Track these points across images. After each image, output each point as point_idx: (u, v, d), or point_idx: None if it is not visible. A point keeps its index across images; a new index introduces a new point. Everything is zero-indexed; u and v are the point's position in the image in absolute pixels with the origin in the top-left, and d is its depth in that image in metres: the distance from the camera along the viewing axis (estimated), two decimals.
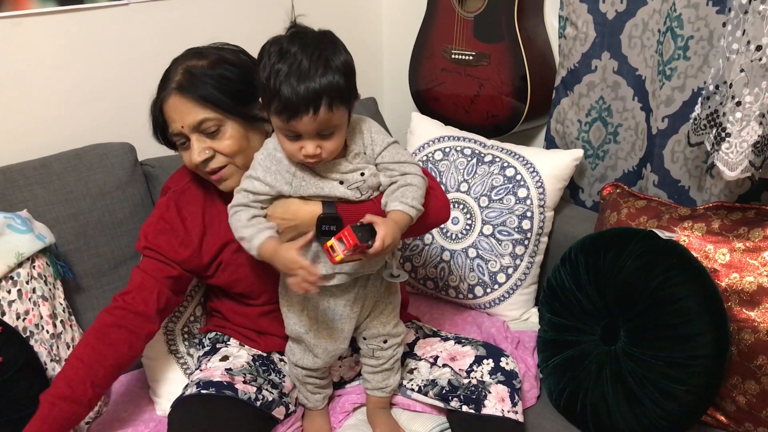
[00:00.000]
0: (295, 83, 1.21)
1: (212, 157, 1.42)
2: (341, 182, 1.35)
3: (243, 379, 1.49)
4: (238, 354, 1.58)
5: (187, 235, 1.51)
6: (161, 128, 1.48)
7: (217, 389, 1.44)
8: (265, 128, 1.48)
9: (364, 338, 1.53)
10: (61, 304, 1.64)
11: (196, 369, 1.61)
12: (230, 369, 1.52)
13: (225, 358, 1.56)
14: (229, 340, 1.62)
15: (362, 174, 1.35)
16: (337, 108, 1.24)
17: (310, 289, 1.25)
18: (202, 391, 1.45)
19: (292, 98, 1.21)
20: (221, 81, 1.39)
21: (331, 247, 1.24)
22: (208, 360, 1.58)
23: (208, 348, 1.63)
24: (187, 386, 1.52)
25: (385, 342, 1.53)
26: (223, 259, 1.53)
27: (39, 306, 1.56)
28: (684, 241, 1.60)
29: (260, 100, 1.30)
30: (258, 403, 1.47)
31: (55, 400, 1.36)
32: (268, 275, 1.51)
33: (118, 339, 1.44)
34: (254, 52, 1.51)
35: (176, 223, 1.51)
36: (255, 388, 1.48)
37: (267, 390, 1.51)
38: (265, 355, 1.62)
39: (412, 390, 1.59)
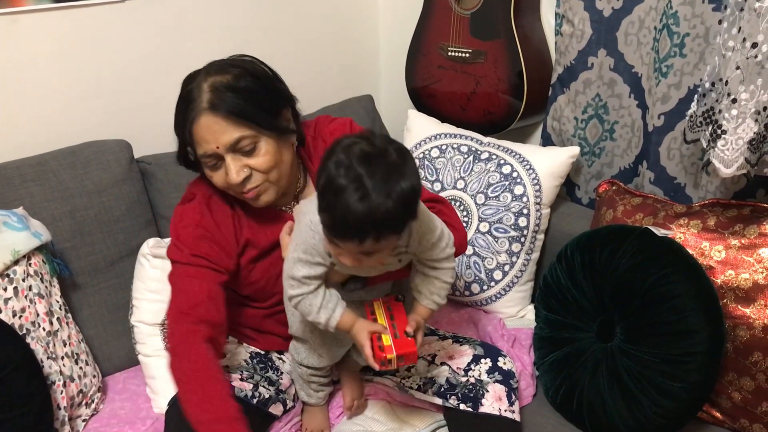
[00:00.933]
0: (349, 207, 1.12)
1: (249, 176, 1.37)
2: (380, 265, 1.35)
3: (240, 377, 1.49)
4: (236, 351, 1.58)
5: (225, 242, 1.46)
6: (185, 151, 1.41)
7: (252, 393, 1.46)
8: (292, 141, 1.45)
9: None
10: (58, 302, 1.63)
11: None
12: (227, 366, 1.52)
13: (222, 355, 1.56)
14: (227, 338, 1.62)
15: (400, 261, 1.36)
16: (385, 238, 1.17)
17: (375, 367, 1.32)
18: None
19: (340, 224, 1.15)
20: (250, 95, 1.34)
21: (389, 360, 1.29)
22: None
23: None
24: None
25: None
26: (240, 263, 1.51)
27: (35, 303, 1.56)
28: (680, 238, 1.61)
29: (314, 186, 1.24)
30: (254, 401, 1.47)
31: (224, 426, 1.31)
32: (277, 279, 1.50)
33: (210, 352, 1.37)
34: (252, 49, 1.51)
35: (214, 230, 1.45)
36: (251, 386, 1.48)
37: (264, 387, 1.51)
38: (263, 353, 1.62)
39: (411, 387, 1.59)
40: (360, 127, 1.57)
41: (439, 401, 1.54)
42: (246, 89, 1.34)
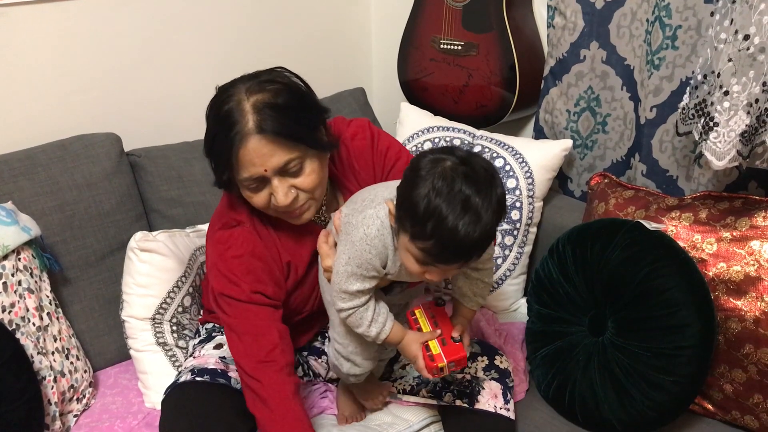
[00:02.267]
0: (463, 234, 1.10)
1: (296, 197, 1.32)
2: None
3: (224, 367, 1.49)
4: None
5: (278, 271, 1.42)
6: (223, 173, 1.33)
7: (211, 376, 1.44)
8: (328, 153, 1.38)
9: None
10: (48, 297, 1.63)
11: (189, 356, 1.60)
12: (224, 357, 1.51)
13: (219, 346, 1.55)
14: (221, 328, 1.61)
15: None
16: (486, 250, 1.19)
17: (428, 377, 1.33)
18: (197, 378, 1.45)
19: (453, 250, 1.13)
20: (292, 112, 1.27)
21: (441, 369, 1.30)
22: (202, 347, 1.57)
23: (204, 336, 1.62)
24: (180, 373, 1.51)
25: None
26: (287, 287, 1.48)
27: (25, 298, 1.55)
28: (671, 231, 1.61)
29: (396, 212, 1.20)
30: None
31: None
32: (308, 300, 1.49)
33: (298, 393, 1.39)
34: (243, 43, 1.50)
35: (269, 260, 1.41)
36: None
37: None
38: None
39: (403, 392, 1.59)
40: (378, 128, 1.54)
41: (433, 402, 1.54)
42: (288, 107, 1.27)
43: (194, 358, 1.55)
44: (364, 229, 1.25)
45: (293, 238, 1.44)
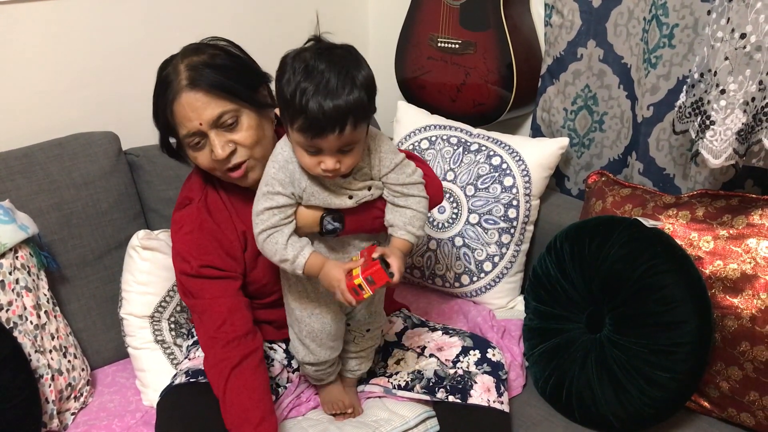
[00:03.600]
0: (322, 101, 1.18)
1: (234, 151, 1.37)
2: (350, 197, 1.35)
3: None
4: None
5: (230, 243, 1.45)
6: (167, 136, 1.41)
7: (205, 377, 1.44)
8: (271, 115, 1.45)
9: (348, 324, 1.54)
10: (45, 295, 1.62)
11: (184, 358, 1.60)
12: None
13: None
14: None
15: (369, 189, 1.36)
16: (360, 125, 1.24)
17: (352, 302, 1.29)
18: (191, 380, 1.45)
19: (319, 116, 1.19)
20: (227, 70, 1.36)
21: (359, 285, 1.28)
22: (197, 349, 1.57)
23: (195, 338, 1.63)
24: (175, 375, 1.52)
25: (367, 331, 1.54)
26: (245, 259, 1.49)
27: (22, 297, 1.54)
28: (668, 228, 1.61)
29: (277, 111, 1.31)
30: None
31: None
32: (278, 275, 1.50)
33: (253, 366, 1.40)
34: (239, 41, 1.50)
35: (217, 232, 1.45)
36: None
37: None
38: None
39: (398, 387, 1.59)
40: None
41: (427, 398, 1.55)
42: (223, 66, 1.36)
43: (189, 359, 1.55)
44: (271, 154, 1.36)
45: (248, 207, 1.46)
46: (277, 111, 1.46)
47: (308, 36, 1.32)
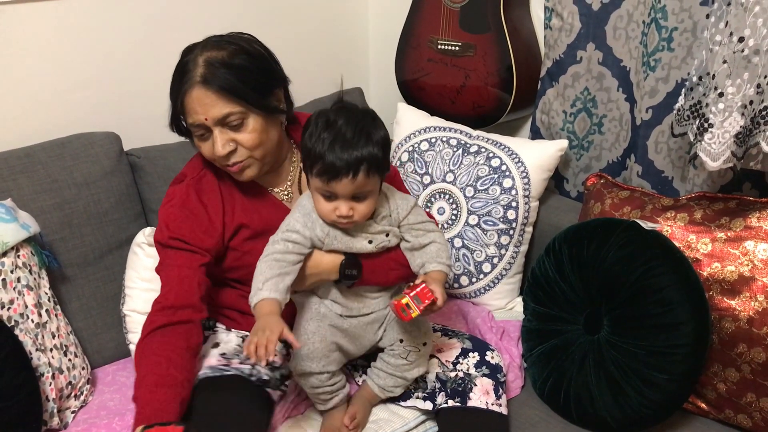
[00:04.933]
0: (339, 150, 1.31)
1: (234, 150, 1.42)
2: (370, 241, 1.44)
3: (239, 361, 1.50)
4: (228, 339, 1.57)
5: (210, 224, 1.50)
6: (178, 117, 1.46)
7: (213, 371, 1.46)
8: (281, 120, 1.50)
9: (401, 341, 1.52)
10: (47, 294, 1.63)
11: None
12: (224, 353, 1.52)
13: (216, 345, 1.56)
14: (215, 325, 1.62)
15: (387, 235, 1.45)
16: (373, 175, 1.35)
17: (259, 354, 1.24)
18: (208, 374, 1.45)
19: (336, 162, 1.31)
20: (243, 72, 1.40)
21: (407, 305, 1.33)
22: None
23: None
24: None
25: (424, 344, 1.54)
26: (234, 245, 1.53)
27: (24, 295, 1.55)
28: (667, 231, 1.62)
29: (302, 163, 1.41)
30: (253, 379, 1.48)
31: (152, 388, 1.32)
32: None
33: (175, 335, 1.39)
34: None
35: (199, 210, 1.49)
36: (249, 366, 1.50)
37: (261, 368, 1.51)
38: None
39: (395, 397, 1.59)
40: None
41: (429, 406, 1.55)
42: (239, 67, 1.39)
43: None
44: (297, 203, 1.46)
45: (252, 204, 1.54)
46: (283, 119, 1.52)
47: (312, 35, 1.35)
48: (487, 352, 1.57)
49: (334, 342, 1.50)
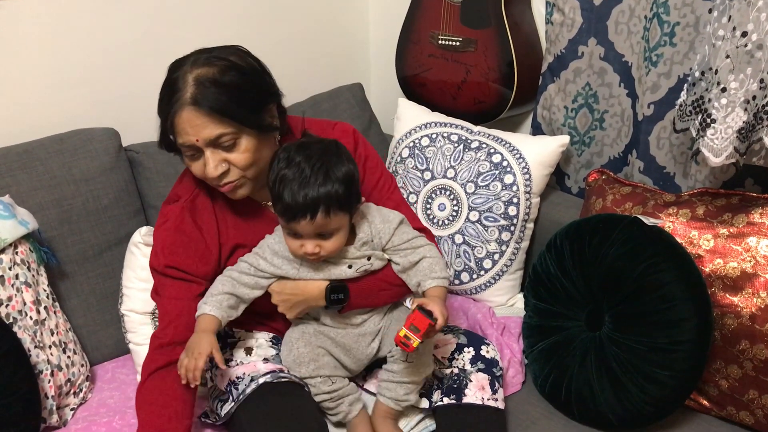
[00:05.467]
0: (296, 189, 1.30)
1: (227, 171, 1.37)
2: (350, 266, 1.43)
3: (263, 359, 1.50)
4: (258, 343, 1.56)
5: (206, 248, 1.46)
6: (167, 135, 1.39)
7: (273, 377, 1.45)
8: (274, 135, 1.45)
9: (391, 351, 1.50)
10: (45, 290, 1.63)
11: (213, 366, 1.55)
12: (266, 359, 1.51)
13: (249, 350, 1.54)
14: (231, 330, 1.60)
15: (369, 259, 1.44)
16: (335, 214, 1.33)
17: (187, 377, 1.29)
18: (268, 379, 1.44)
19: (292, 203, 1.30)
20: (234, 91, 1.33)
21: (405, 336, 1.30)
22: (231, 354, 1.54)
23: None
24: (236, 384, 1.47)
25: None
26: (231, 264, 1.50)
27: (22, 292, 1.55)
28: (669, 227, 1.61)
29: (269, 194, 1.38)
30: (284, 378, 1.48)
31: None
32: None
33: (175, 378, 1.35)
34: (241, 36, 1.50)
35: (195, 235, 1.46)
36: (278, 366, 1.50)
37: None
38: (275, 334, 1.61)
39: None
40: (362, 137, 1.60)
41: (426, 404, 1.54)
42: (230, 84, 1.33)
43: (241, 365, 1.50)
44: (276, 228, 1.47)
45: (245, 220, 1.51)
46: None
47: (313, 30, 1.34)
48: (482, 347, 1.56)
49: (321, 347, 1.49)
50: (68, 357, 1.63)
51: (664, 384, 1.48)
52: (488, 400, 1.49)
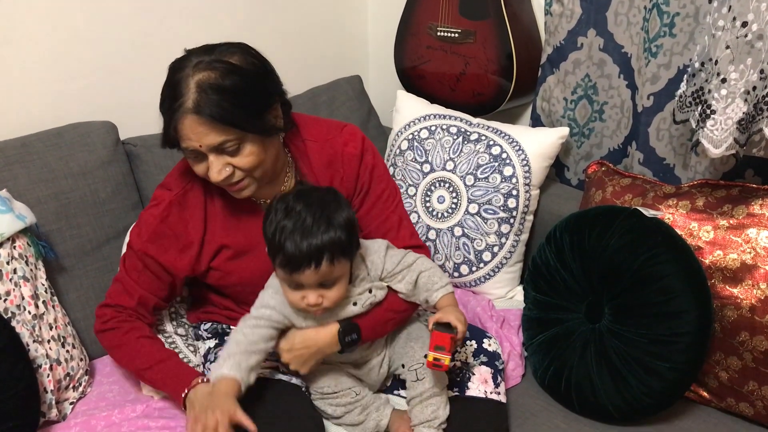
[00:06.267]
0: (298, 239, 1.27)
1: (232, 174, 1.36)
2: (355, 303, 1.40)
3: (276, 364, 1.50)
4: None
5: (188, 242, 1.47)
6: (171, 137, 1.36)
7: (271, 373, 1.46)
8: (280, 137, 1.45)
9: (404, 365, 1.49)
10: (43, 285, 1.62)
11: (215, 361, 1.53)
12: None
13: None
14: (228, 329, 1.60)
15: (371, 291, 1.41)
16: (338, 261, 1.30)
17: None
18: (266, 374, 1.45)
19: (296, 253, 1.26)
20: (237, 96, 1.31)
21: (435, 359, 1.30)
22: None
23: (216, 340, 1.60)
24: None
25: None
26: (215, 265, 1.51)
27: (20, 287, 1.54)
28: (668, 218, 1.61)
29: (267, 250, 1.35)
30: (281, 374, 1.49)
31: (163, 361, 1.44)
32: (260, 281, 1.48)
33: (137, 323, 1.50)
34: (239, 28, 1.49)
35: (178, 229, 1.47)
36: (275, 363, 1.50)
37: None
38: None
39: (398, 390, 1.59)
40: (370, 142, 1.59)
41: None
42: (233, 90, 1.30)
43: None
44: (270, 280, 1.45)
45: (237, 218, 1.50)
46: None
47: (311, 23, 1.32)
48: (485, 340, 1.56)
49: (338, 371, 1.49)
50: (67, 351, 1.62)
51: (664, 376, 1.48)
52: (491, 393, 1.49)
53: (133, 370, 1.50)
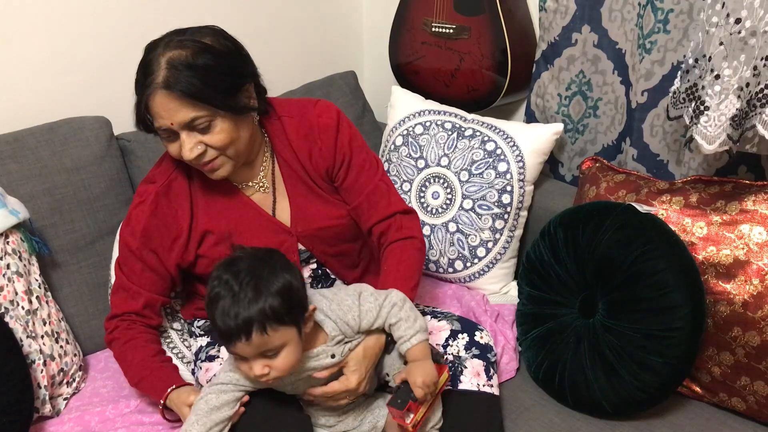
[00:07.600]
0: (226, 309, 1.20)
1: (204, 152, 1.38)
2: (333, 356, 1.34)
3: None
4: None
5: (178, 231, 1.49)
6: (144, 117, 1.38)
7: None
8: (254, 116, 1.46)
9: (388, 374, 1.45)
10: (37, 280, 1.62)
11: (203, 360, 1.55)
12: None
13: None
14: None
15: (347, 342, 1.36)
16: (274, 330, 1.21)
17: None
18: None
19: (223, 327, 1.21)
20: (207, 73, 1.32)
21: (413, 425, 1.30)
22: (218, 351, 1.54)
23: (208, 338, 1.59)
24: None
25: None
26: (202, 252, 1.51)
27: (14, 282, 1.54)
28: (662, 214, 1.61)
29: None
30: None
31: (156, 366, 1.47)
32: None
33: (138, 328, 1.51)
34: (233, 24, 1.49)
35: (168, 219, 1.48)
36: None
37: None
38: None
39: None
40: (346, 117, 1.58)
41: None
42: (204, 67, 1.32)
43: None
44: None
45: (218, 202, 1.51)
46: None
47: (305, 18, 1.31)
48: (476, 332, 1.55)
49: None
50: (61, 347, 1.62)
51: (657, 371, 1.49)
52: (484, 386, 1.49)
53: (130, 384, 1.54)
